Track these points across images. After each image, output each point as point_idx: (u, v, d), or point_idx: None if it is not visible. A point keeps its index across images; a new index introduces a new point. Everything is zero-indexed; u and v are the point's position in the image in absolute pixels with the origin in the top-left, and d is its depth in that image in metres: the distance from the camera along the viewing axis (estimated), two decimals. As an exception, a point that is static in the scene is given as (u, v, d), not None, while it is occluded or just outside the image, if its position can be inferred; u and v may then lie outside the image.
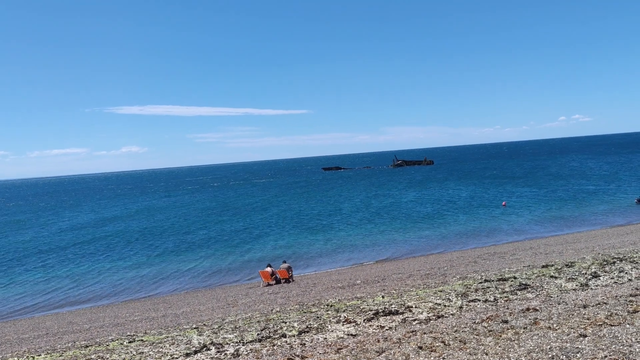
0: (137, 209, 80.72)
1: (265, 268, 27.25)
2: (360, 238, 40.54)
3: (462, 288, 13.86)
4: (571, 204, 50.33)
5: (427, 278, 19.88)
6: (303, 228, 47.62)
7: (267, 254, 37.12)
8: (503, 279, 14.71)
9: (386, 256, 33.65)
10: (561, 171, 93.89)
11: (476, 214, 48.11)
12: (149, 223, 60.84)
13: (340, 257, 34.43)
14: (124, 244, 46.44)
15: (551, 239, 32.32)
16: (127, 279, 33.13)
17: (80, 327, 19.97)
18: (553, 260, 19.12)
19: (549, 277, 14.06)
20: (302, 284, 24.82)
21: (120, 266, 37.13)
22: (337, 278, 25.26)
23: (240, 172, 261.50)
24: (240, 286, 28.08)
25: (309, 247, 38.70)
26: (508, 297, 11.87)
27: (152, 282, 31.95)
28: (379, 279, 21.88)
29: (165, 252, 40.98)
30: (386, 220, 48.68)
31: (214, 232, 49.13)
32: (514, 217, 44.90)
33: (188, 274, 33.09)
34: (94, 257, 41.30)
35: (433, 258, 29.79)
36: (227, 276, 31.83)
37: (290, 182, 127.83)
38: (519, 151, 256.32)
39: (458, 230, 41.04)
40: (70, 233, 57.44)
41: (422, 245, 36.38)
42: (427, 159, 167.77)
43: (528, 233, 37.52)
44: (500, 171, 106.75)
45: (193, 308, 21.15)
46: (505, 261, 22.85)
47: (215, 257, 37.57)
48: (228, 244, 42.46)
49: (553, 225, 39.82)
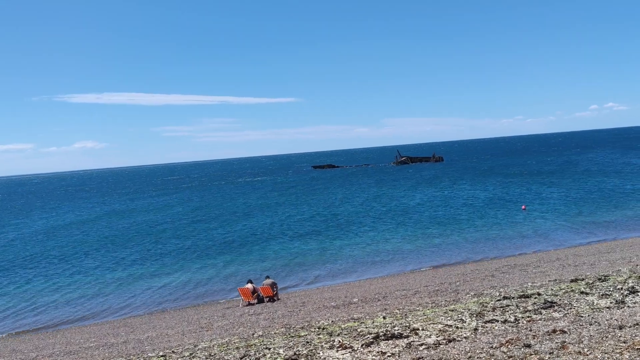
0: (96, 215, 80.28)
1: (246, 284, 27.14)
2: (357, 248, 40.54)
3: (478, 307, 13.85)
4: (605, 206, 50.65)
5: (436, 295, 19.87)
6: (291, 236, 47.54)
7: (248, 268, 36.95)
8: (525, 295, 14.71)
9: (388, 269, 33.63)
10: (593, 168, 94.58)
11: (494, 219, 48.29)
12: (110, 231, 60.52)
13: (335, 271, 34.38)
14: (80, 256, 46.15)
15: (581, 249, 32.48)
16: (83, 297, 32.88)
17: (25, 356, 19.78)
18: (584, 274, 19.18)
19: (579, 293, 14.08)
20: (289, 303, 24.72)
21: (75, 282, 36.86)
22: (330, 296, 25.19)
23: (217, 171, 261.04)
24: (215, 306, 27.93)
25: (298, 259, 38.62)
26: (531, 317, 11.86)
27: (111, 301, 31.71)
28: (380, 297, 21.84)
29: (128, 266, 40.74)
30: (389, 226, 48.74)
31: (185, 242, 48.94)
32: (538, 222, 45.10)
33: (154, 292, 32.88)
34: (45, 271, 40.99)
35: (443, 271, 29.82)
36: (200, 294, 31.64)
37: (276, 182, 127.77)
38: (543, 145, 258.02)
39: (473, 238, 41.15)
40: (16, 244, 57.00)
41: (431, 256, 36.41)
42: (436, 155, 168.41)
43: (554, 241, 37.67)
44: (522, 169, 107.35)
45: (160, 332, 21.00)
46: (528, 274, 22.90)
47: (187, 272, 37.38)
48: (202, 255, 42.28)
49: (584, 232, 40.02)
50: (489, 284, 21.29)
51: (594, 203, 53.10)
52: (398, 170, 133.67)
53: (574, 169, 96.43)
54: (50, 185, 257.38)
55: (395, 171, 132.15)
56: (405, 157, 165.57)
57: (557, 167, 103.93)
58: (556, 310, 12.28)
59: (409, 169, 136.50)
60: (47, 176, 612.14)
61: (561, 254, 30.62)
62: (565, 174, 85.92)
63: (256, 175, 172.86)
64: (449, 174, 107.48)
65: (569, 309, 12.20)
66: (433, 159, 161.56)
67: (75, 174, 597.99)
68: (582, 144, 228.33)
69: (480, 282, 22.52)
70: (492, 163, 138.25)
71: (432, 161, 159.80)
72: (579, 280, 16.56)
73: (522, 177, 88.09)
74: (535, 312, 12.34)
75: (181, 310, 27.99)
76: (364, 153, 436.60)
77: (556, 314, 11.91)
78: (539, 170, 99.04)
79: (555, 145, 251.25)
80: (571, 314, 11.72)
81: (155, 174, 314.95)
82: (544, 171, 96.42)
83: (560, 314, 11.86)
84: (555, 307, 12.54)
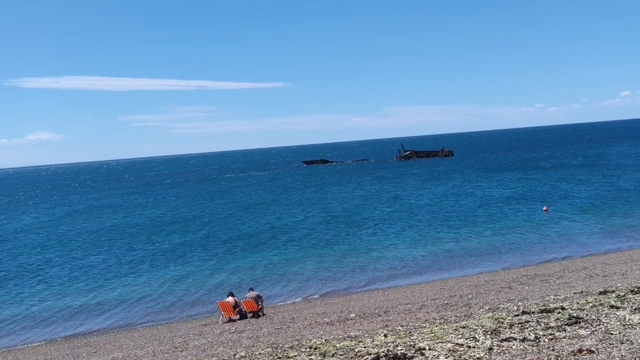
0: (53, 217, 79.95)
1: (226, 298, 27.09)
2: (356, 255, 40.56)
3: (492, 323, 13.89)
4: (639, 207, 50.92)
5: (445, 310, 19.92)
6: (279, 242, 47.51)
7: (229, 279, 36.92)
8: (547, 310, 14.77)
9: (390, 280, 33.69)
10: (626, 162, 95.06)
11: (512, 222, 48.45)
12: (71, 236, 60.26)
13: (329, 281, 34.40)
14: (37, 263, 45.97)
15: (611, 256, 32.63)
16: (39, 311, 32.75)
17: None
18: (614, 285, 19.27)
19: (609, 307, 14.14)
20: (275, 318, 24.72)
21: (30, 294, 36.71)
22: (323, 310, 25.21)
23: (194, 167, 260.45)
24: (191, 322, 27.88)
25: (286, 267, 38.59)
26: (554, 334, 11.90)
27: (71, 316, 31.60)
28: (381, 312, 21.88)
29: (92, 275, 40.57)
30: (392, 230, 48.81)
31: (159, 248, 48.83)
32: (562, 226, 45.30)
33: (121, 306, 32.78)
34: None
35: (453, 282, 29.89)
36: (175, 309, 31.57)
37: (261, 180, 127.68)
38: (568, 137, 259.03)
39: (487, 243, 41.28)
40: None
41: (439, 264, 36.51)
42: (445, 148, 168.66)
43: (580, 247, 37.84)
44: (543, 163, 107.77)
45: (127, 353, 20.96)
46: (550, 286, 22.99)
47: (159, 282, 37.29)
48: (177, 264, 42.19)
49: (614, 237, 40.23)
50: (506, 296, 21.36)
51: (627, 203, 53.33)
52: (402, 166, 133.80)
53: (604, 164, 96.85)
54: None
55: (399, 167, 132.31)
56: (409, 152, 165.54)
57: (584, 162, 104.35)
58: (582, 327, 12.33)
59: (414, 164, 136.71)
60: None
61: (588, 262, 30.76)
62: (593, 170, 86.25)
63: (238, 172, 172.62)
64: (461, 170, 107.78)
65: (597, 326, 12.25)
66: (442, 153, 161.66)
67: (28, 170, 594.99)
68: (612, 136, 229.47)
69: (496, 294, 22.59)
70: (509, 158, 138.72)
71: (440, 155, 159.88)
72: (609, 293, 16.63)
73: (543, 173, 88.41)
74: (558, 329, 12.39)
75: (152, 328, 27.92)
76: (362, 146, 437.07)
77: (582, 331, 11.96)
78: (563, 165, 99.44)
79: (582, 137, 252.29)
80: (600, 331, 11.77)
81: (122, 170, 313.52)
82: (569, 166, 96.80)
83: (588, 331, 11.90)
84: (581, 324, 12.59)
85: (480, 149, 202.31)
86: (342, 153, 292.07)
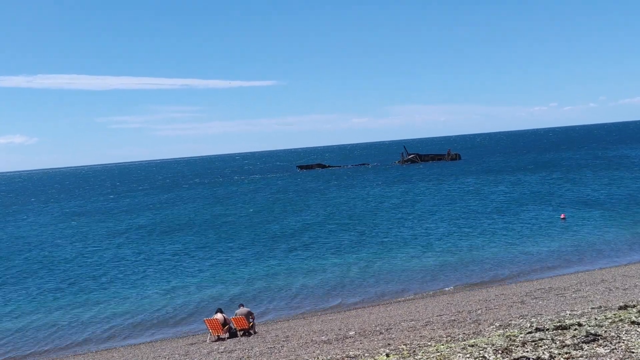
0: (24, 227, 79.80)
1: (215, 315, 27.03)
2: (355, 269, 40.48)
3: (504, 341, 13.90)
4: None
5: (452, 327, 19.92)
6: (271, 254, 47.44)
7: (218, 293, 36.86)
8: (563, 326, 14.78)
9: (393, 294, 33.65)
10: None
11: (527, 231, 48.49)
12: (46, 247, 60.07)
13: (326, 296, 34.35)
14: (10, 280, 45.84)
15: (632, 268, 32.68)
16: (7, 331, 32.62)
17: None
18: (635, 299, 19.30)
19: (629, 323, 14.15)
20: (268, 337, 24.68)
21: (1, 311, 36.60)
22: (320, 328, 25.18)
23: (180, 172, 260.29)
24: (177, 341, 27.82)
25: (280, 281, 38.55)
26: (570, 353, 11.91)
27: (45, 335, 31.43)
28: (383, 329, 21.87)
29: (66, 290, 40.43)
30: (393, 241, 48.79)
31: (143, 260, 48.73)
32: (580, 235, 45.34)
33: (99, 323, 32.65)
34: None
35: (460, 297, 29.89)
36: (157, 327, 31.48)
37: (252, 187, 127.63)
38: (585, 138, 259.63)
39: (497, 254, 41.27)
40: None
41: (445, 277, 36.47)
42: (451, 151, 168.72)
43: (599, 258, 37.88)
44: (561, 167, 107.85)
45: (106, 375, 20.89)
46: (566, 300, 23.02)
47: (142, 297, 37.20)
48: (161, 277, 42.07)
49: (636, 247, 40.28)
50: (518, 312, 21.37)
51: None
52: (405, 171, 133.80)
53: (626, 167, 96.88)
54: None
55: (402, 172, 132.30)
56: (413, 155, 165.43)
57: (605, 165, 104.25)
58: (601, 344, 12.34)
59: (418, 168, 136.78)
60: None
61: (607, 274, 30.78)
62: (615, 174, 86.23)
63: (224, 177, 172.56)
64: (468, 175, 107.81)
65: (617, 343, 12.26)
66: (448, 156, 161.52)
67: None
68: (633, 136, 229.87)
69: (507, 310, 22.60)
70: (522, 161, 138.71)
71: (447, 159, 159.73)
72: (630, 308, 16.65)
73: (560, 177, 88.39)
74: (575, 347, 12.39)
75: (134, 347, 27.84)
76: (362, 149, 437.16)
77: (601, 349, 11.96)
78: (582, 169, 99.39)
79: (603, 137, 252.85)
80: (620, 349, 11.78)
81: (101, 175, 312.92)
82: (589, 170, 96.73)
83: (607, 349, 11.91)
84: (599, 341, 12.59)
85: (490, 152, 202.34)
86: (340, 157, 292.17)
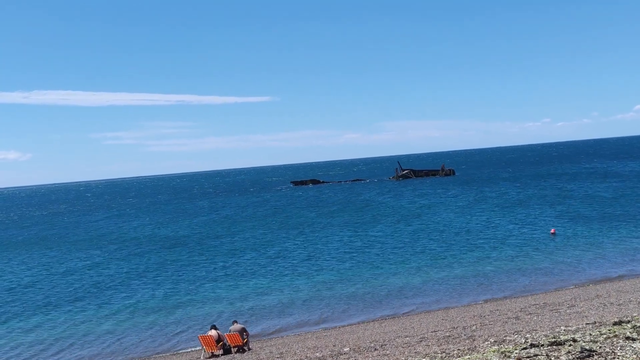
0: (18, 242, 79.59)
1: (209, 331, 26.98)
2: (350, 285, 40.46)
3: (498, 357, 13.88)
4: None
5: (446, 343, 19.89)
6: (265, 270, 47.38)
7: (212, 310, 36.76)
8: (557, 342, 14.78)
9: (387, 310, 33.60)
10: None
11: (518, 247, 48.54)
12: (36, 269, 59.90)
13: (320, 313, 34.27)
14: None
15: (627, 283, 32.74)
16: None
17: None
18: (630, 315, 19.32)
19: (624, 339, 14.16)
20: (262, 354, 24.61)
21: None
22: (314, 344, 25.12)
23: (175, 188, 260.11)
24: (170, 358, 27.73)
25: (274, 297, 38.47)
26: (565, 369, 11.89)
27: (32, 353, 31.29)
28: (377, 345, 21.82)
29: (55, 306, 40.25)
30: (389, 258, 48.78)
31: (132, 273, 48.58)
32: (573, 250, 45.41)
33: (92, 342, 32.51)
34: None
35: (455, 313, 29.87)
36: (149, 343, 31.35)
37: (245, 203, 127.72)
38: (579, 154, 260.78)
39: (492, 270, 41.28)
40: None
41: (440, 293, 36.45)
42: (445, 167, 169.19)
43: (593, 274, 37.90)
44: (553, 181, 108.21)
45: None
46: (561, 316, 23.02)
47: (132, 312, 37.08)
48: (155, 294, 41.96)
49: (630, 262, 40.35)
50: (513, 328, 21.36)
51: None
52: (399, 187, 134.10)
53: (621, 183, 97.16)
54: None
55: (396, 187, 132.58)
56: (407, 170, 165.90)
57: (597, 180, 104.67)
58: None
59: (412, 184, 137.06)
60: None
61: (601, 289, 30.83)
62: (608, 188, 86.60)
63: (219, 195, 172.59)
64: (462, 191, 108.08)
65: (611, 359, 12.26)
66: (442, 172, 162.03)
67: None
68: (628, 152, 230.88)
69: (502, 325, 22.59)
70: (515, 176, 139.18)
71: (441, 175, 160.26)
72: (624, 323, 16.66)
73: (551, 192, 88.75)
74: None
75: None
76: (356, 165, 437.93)
77: (596, 365, 11.96)
78: (574, 183, 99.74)
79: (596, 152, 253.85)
80: (614, 365, 11.78)
81: (94, 192, 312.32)
82: (580, 184, 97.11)
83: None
84: (594, 357, 12.59)
85: (483, 167, 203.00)
86: (334, 172, 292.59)
